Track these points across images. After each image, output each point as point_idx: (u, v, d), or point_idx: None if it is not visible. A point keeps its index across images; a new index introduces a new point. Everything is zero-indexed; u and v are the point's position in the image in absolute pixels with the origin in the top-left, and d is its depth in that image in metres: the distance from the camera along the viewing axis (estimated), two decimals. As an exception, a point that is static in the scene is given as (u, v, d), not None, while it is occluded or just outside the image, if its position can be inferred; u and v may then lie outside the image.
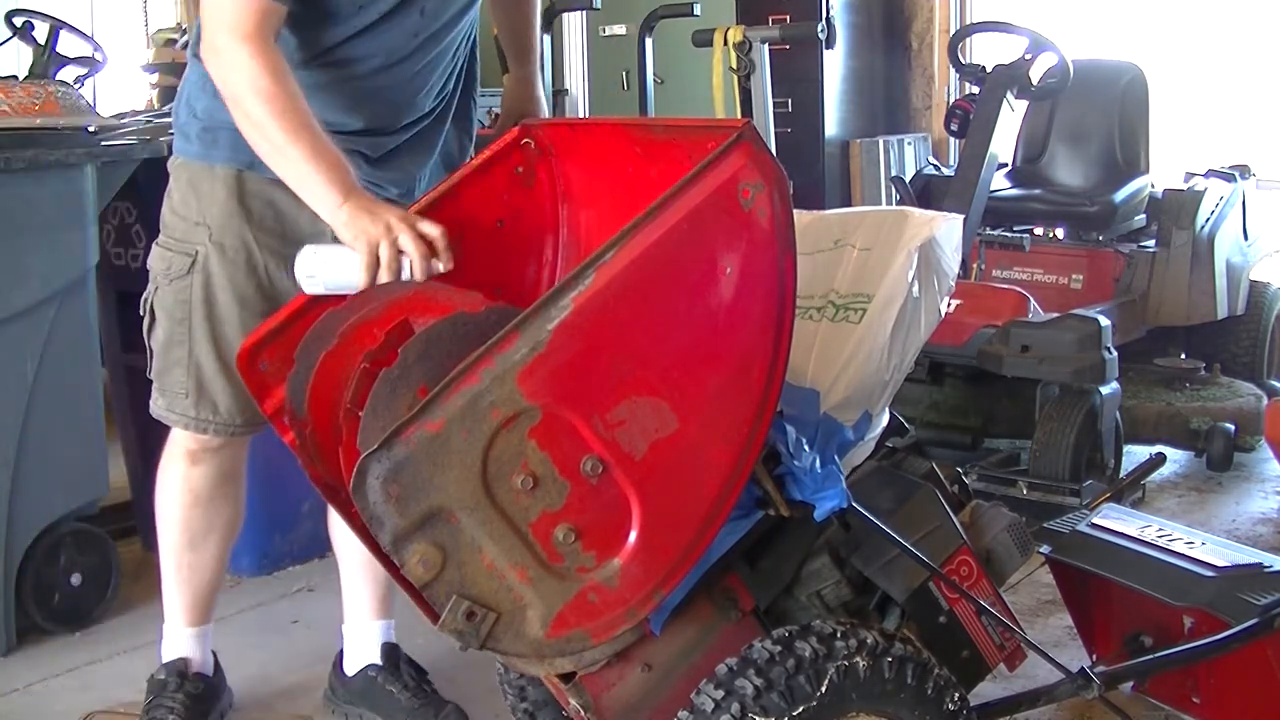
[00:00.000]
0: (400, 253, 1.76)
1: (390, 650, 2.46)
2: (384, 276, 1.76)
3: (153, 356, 2.22)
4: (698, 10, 4.63)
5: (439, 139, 2.24)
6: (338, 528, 2.42)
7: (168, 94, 5.37)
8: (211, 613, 2.42)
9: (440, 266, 1.77)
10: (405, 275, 1.77)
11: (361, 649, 2.46)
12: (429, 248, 1.77)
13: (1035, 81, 3.87)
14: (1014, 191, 4.38)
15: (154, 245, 2.20)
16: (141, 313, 2.22)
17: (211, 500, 2.28)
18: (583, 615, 1.50)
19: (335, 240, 1.86)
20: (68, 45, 4.86)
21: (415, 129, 2.19)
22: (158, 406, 2.23)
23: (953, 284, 1.92)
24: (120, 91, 6.96)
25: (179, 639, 2.40)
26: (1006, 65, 3.84)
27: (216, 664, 2.47)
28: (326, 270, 1.80)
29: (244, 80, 1.87)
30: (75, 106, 2.87)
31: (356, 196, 1.83)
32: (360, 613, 2.46)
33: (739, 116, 4.04)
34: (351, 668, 2.47)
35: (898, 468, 2.07)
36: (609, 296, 1.44)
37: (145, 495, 3.29)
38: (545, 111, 2.52)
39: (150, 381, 2.25)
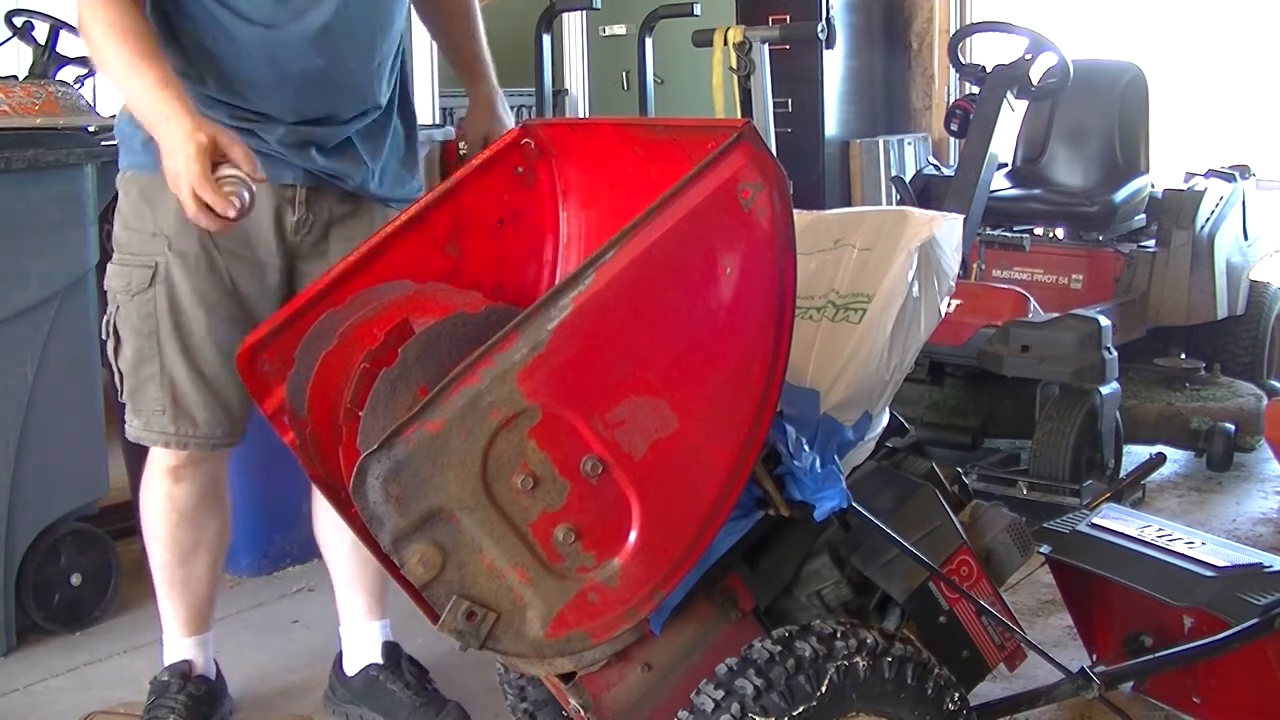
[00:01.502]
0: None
1: (391, 649, 2.46)
2: (190, 211, 1.82)
3: (122, 378, 2.18)
4: (698, 10, 4.63)
5: (388, 133, 2.23)
6: (325, 531, 2.41)
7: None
8: (211, 620, 2.42)
9: (245, 195, 1.81)
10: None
11: (361, 649, 2.46)
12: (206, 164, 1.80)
13: (1035, 81, 3.87)
14: (1014, 191, 4.38)
15: (109, 265, 2.17)
16: (104, 336, 2.20)
17: (197, 516, 2.27)
18: (583, 615, 1.50)
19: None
20: (68, 45, 4.86)
21: (366, 120, 2.17)
22: (134, 428, 2.20)
23: (953, 284, 1.92)
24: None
25: (180, 647, 2.40)
26: (1006, 65, 3.84)
27: (218, 671, 2.46)
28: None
29: (90, 13, 1.91)
30: (75, 106, 2.87)
31: (168, 127, 1.85)
32: (356, 614, 2.46)
33: (739, 116, 4.04)
34: (352, 667, 2.47)
35: (898, 468, 2.07)
36: (609, 296, 1.44)
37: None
38: (504, 131, 2.47)
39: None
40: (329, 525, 2.38)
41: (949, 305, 1.96)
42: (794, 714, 1.56)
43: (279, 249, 2.17)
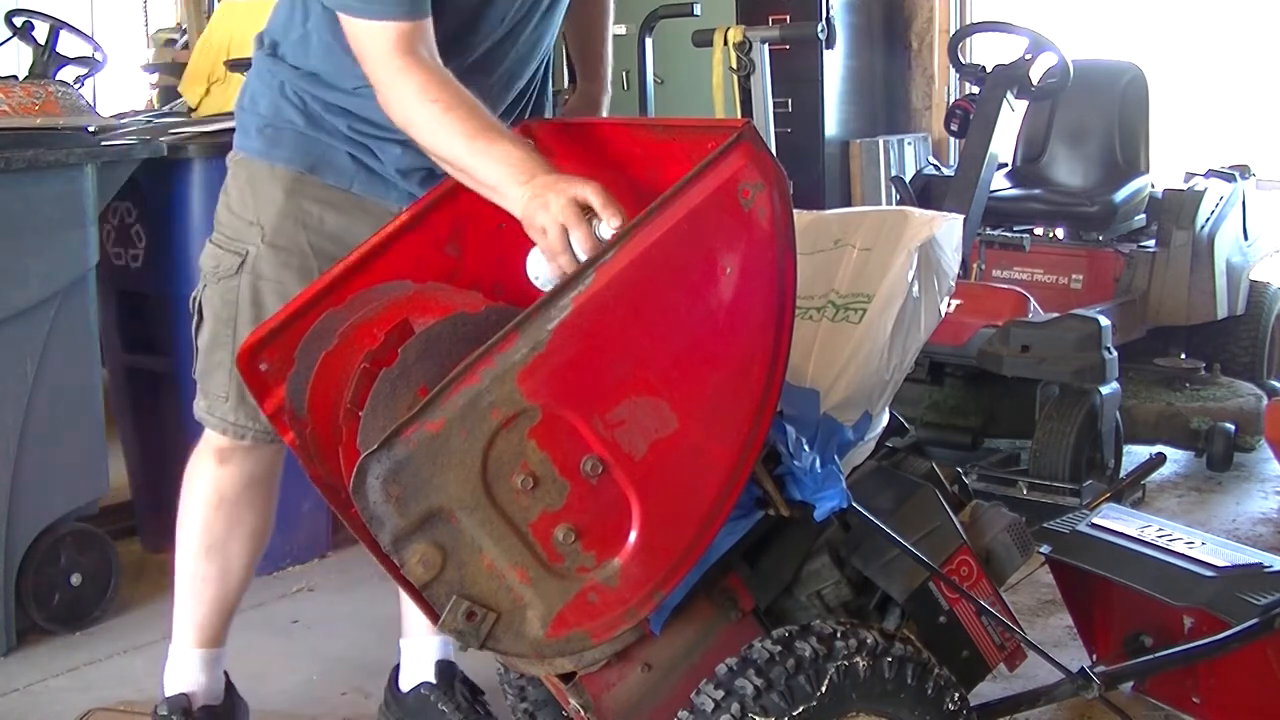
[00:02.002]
0: (563, 227, 1.60)
1: (445, 668, 2.39)
2: (564, 264, 1.60)
3: (197, 355, 2.15)
4: (698, 10, 4.62)
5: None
6: None
7: (168, 94, 5.38)
8: (225, 636, 2.28)
9: (605, 230, 1.57)
10: (577, 252, 1.59)
11: (417, 665, 2.40)
12: (580, 211, 1.60)
13: (1035, 81, 3.87)
14: (1014, 191, 4.38)
15: (207, 242, 2.14)
16: (190, 310, 2.16)
17: (237, 504, 2.18)
18: (583, 615, 1.50)
19: None
20: (68, 45, 4.86)
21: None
22: (199, 408, 2.15)
23: (953, 284, 1.92)
24: (120, 91, 6.97)
25: (186, 664, 2.24)
26: (1006, 65, 3.84)
27: (229, 686, 2.31)
28: (540, 268, 1.69)
29: (405, 105, 1.80)
30: (75, 106, 2.87)
31: (528, 184, 1.66)
32: (418, 628, 2.39)
33: (739, 116, 4.04)
34: (406, 684, 2.41)
35: (898, 468, 2.07)
36: (609, 296, 1.44)
37: (145, 495, 3.30)
38: None
39: (151, 382, 2.25)
40: None
41: (949, 305, 1.96)
42: (794, 714, 1.56)
43: None
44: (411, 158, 2.03)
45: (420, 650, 2.41)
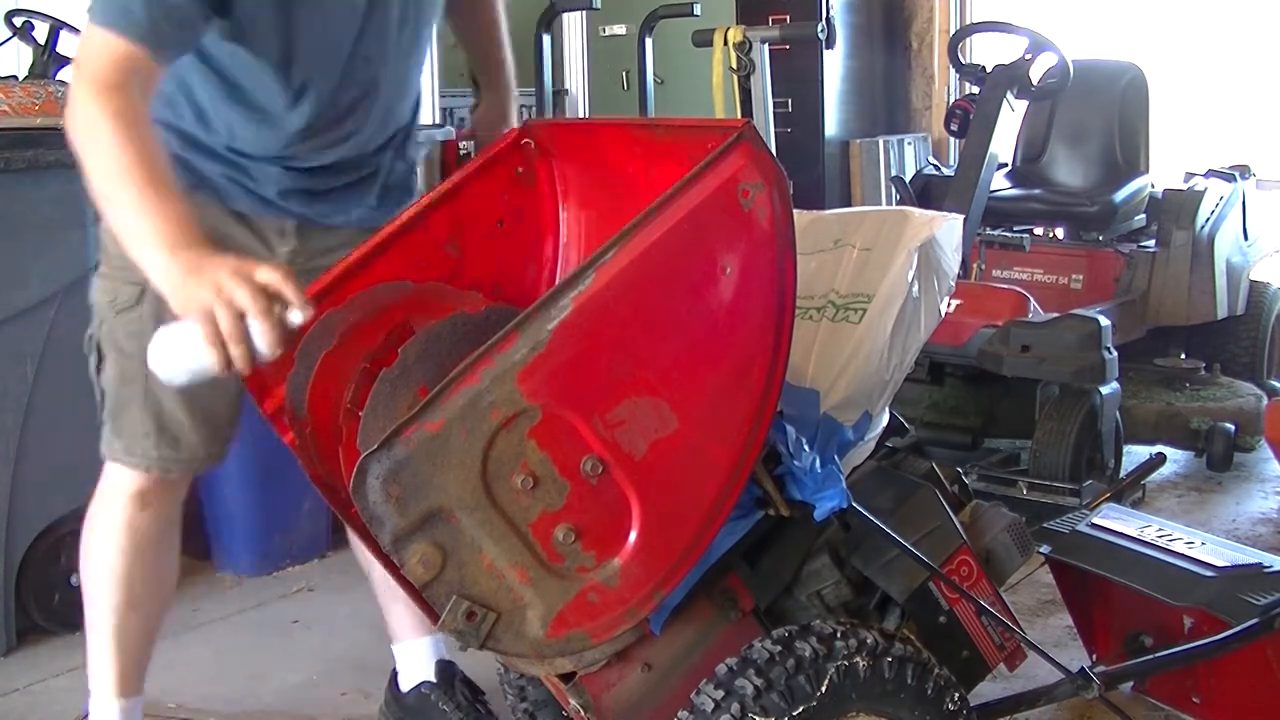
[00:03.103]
0: (241, 314, 1.48)
1: (445, 668, 2.38)
2: (234, 351, 1.49)
3: (104, 397, 2.07)
4: (698, 10, 4.63)
5: (382, 174, 2.13)
6: (359, 552, 2.29)
7: (168, 94, 5.36)
8: (144, 681, 2.21)
9: (296, 318, 1.49)
10: (254, 341, 1.48)
11: (415, 666, 2.39)
12: (273, 300, 1.49)
13: (1035, 81, 3.87)
14: (1014, 191, 4.38)
15: (94, 278, 2.06)
16: (86, 350, 2.08)
17: (157, 550, 2.10)
18: (583, 615, 1.50)
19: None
20: (68, 45, 4.86)
21: (363, 171, 2.09)
22: (114, 450, 2.07)
23: (953, 284, 1.92)
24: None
25: (109, 711, 2.17)
26: (1006, 65, 3.84)
27: None
28: (176, 357, 1.53)
29: (82, 130, 1.69)
30: (75, 106, 2.87)
31: (184, 254, 1.55)
32: (405, 630, 2.38)
33: (739, 116, 4.04)
34: (406, 684, 2.40)
35: (898, 468, 2.07)
36: (609, 296, 1.44)
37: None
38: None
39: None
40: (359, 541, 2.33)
41: (949, 305, 1.96)
42: (794, 714, 1.56)
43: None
44: (291, 179, 2.01)
45: (414, 652, 2.40)
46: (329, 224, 2.08)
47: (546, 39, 4.79)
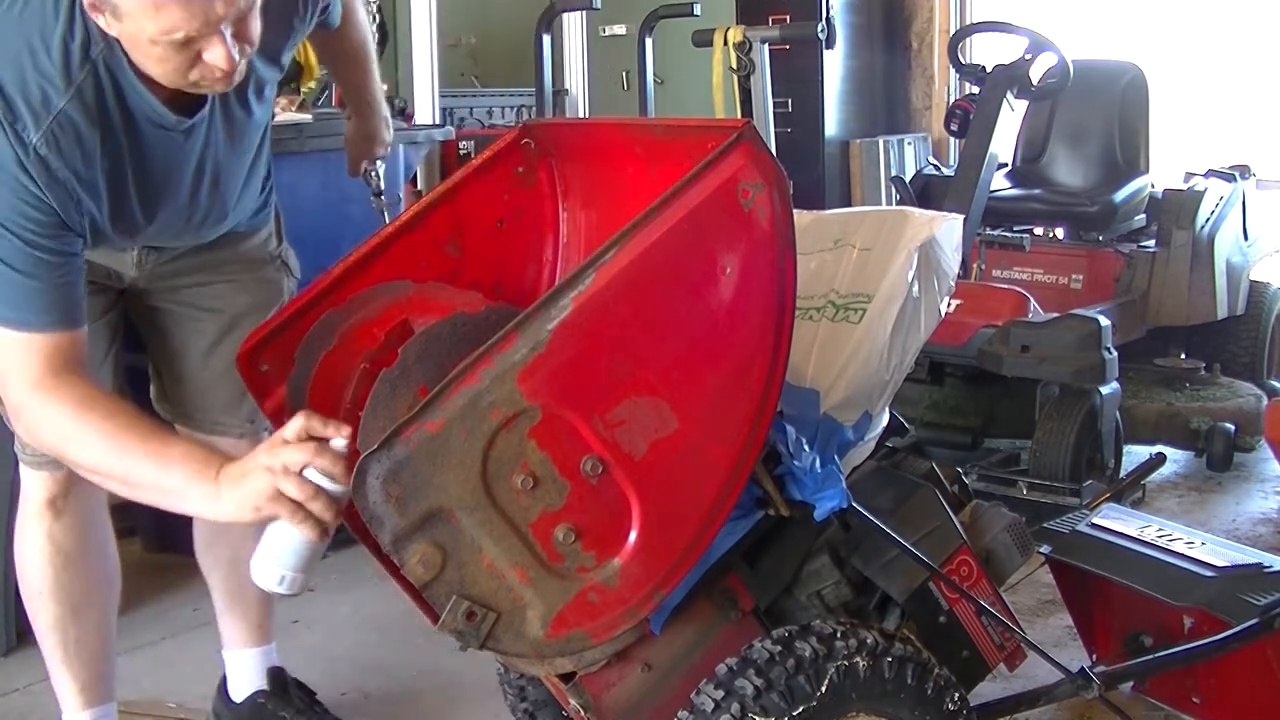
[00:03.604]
0: (299, 472, 1.49)
1: (277, 674, 2.38)
2: (315, 508, 1.49)
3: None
4: (698, 10, 4.63)
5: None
6: (204, 553, 2.32)
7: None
8: (111, 687, 2.18)
9: (340, 443, 1.51)
10: (324, 484, 1.49)
11: (246, 675, 2.38)
12: (314, 443, 1.50)
13: (1035, 81, 3.87)
14: (1014, 191, 4.38)
15: None
16: None
17: (84, 556, 2.07)
18: (583, 615, 1.50)
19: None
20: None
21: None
22: (21, 453, 2.02)
23: (953, 284, 1.92)
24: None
25: None
26: (1006, 65, 3.84)
27: None
28: (282, 559, 1.53)
29: (55, 430, 1.67)
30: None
31: (219, 473, 1.56)
32: (238, 639, 2.37)
33: (739, 116, 4.04)
34: (238, 694, 2.39)
35: (898, 468, 2.07)
36: (609, 296, 1.44)
37: (145, 495, 3.29)
38: (384, 159, 2.49)
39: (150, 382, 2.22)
40: (207, 547, 2.31)
41: (949, 305, 1.96)
42: (794, 714, 1.56)
43: (116, 279, 2.07)
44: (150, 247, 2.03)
45: (245, 661, 2.38)
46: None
47: (546, 39, 4.79)
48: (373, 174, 2.52)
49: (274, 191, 2.22)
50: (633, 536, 1.50)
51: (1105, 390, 3.41)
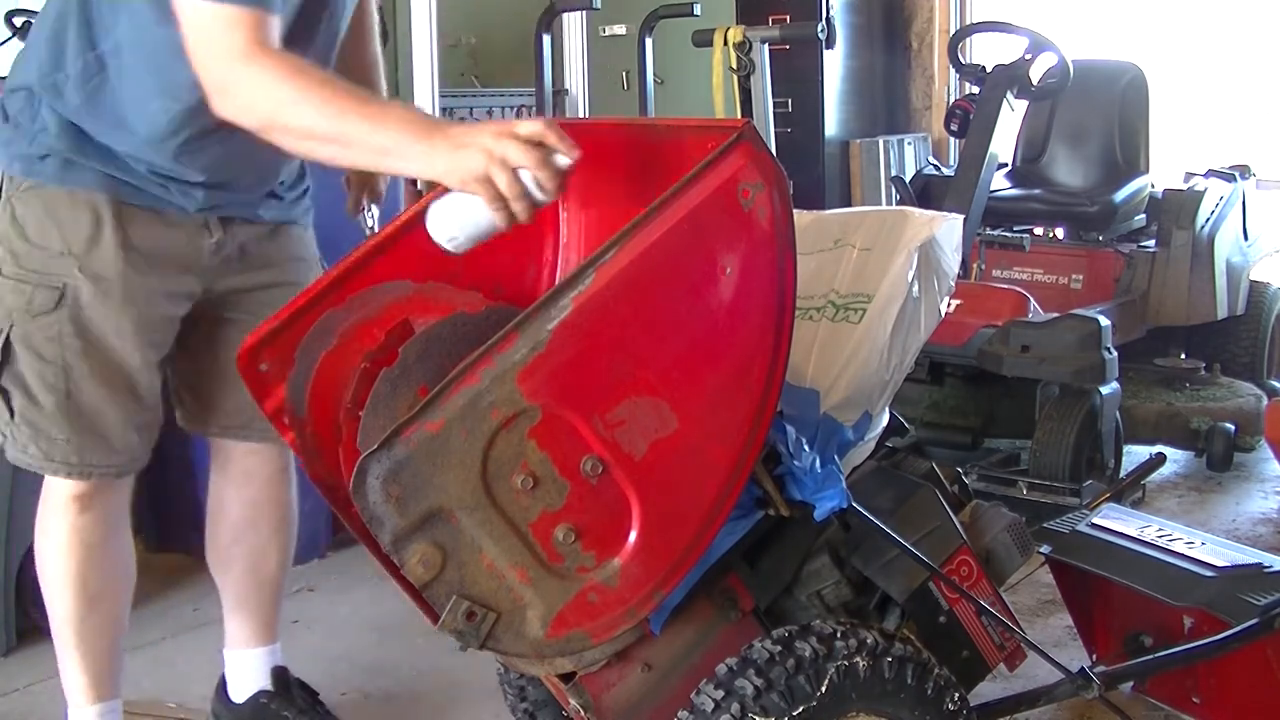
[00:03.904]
0: (516, 170, 1.53)
1: (280, 674, 2.36)
2: (516, 207, 1.54)
3: (9, 397, 2.00)
4: (698, 10, 4.62)
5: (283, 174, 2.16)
6: (216, 551, 2.32)
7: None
8: (119, 684, 2.19)
9: (564, 161, 1.54)
10: (533, 191, 1.54)
11: (249, 675, 2.36)
12: (541, 149, 1.53)
13: (1035, 81, 3.87)
14: (1014, 191, 4.38)
15: (0, 279, 1.98)
16: None
17: (106, 550, 2.08)
18: (583, 615, 1.50)
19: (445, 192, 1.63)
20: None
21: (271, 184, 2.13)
22: (28, 455, 2.02)
23: (953, 284, 1.92)
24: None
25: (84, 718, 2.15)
26: (1006, 65, 3.84)
27: None
28: (461, 225, 1.61)
29: (270, 96, 1.68)
30: (75, 106, 2.86)
31: (439, 137, 1.58)
32: (244, 638, 2.36)
33: (739, 116, 4.04)
34: (239, 694, 2.37)
35: (898, 468, 2.07)
36: (609, 296, 1.44)
37: (146, 494, 3.30)
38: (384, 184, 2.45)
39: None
40: (226, 545, 2.31)
41: (949, 305, 1.96)
42: (794, 714, 1.56)
43: (195, 269, 2.06)
44: (214, 197, 2.02)
45: (247, 660, 2.37)
46: (246, 218, 2.11)
47: (546, 39, 4.78)
48: (369, 218, 2.43)
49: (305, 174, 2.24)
50: (633, 536, 1.50)
51: (1105, 390, 3.41)
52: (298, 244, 2.22)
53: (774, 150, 1.63)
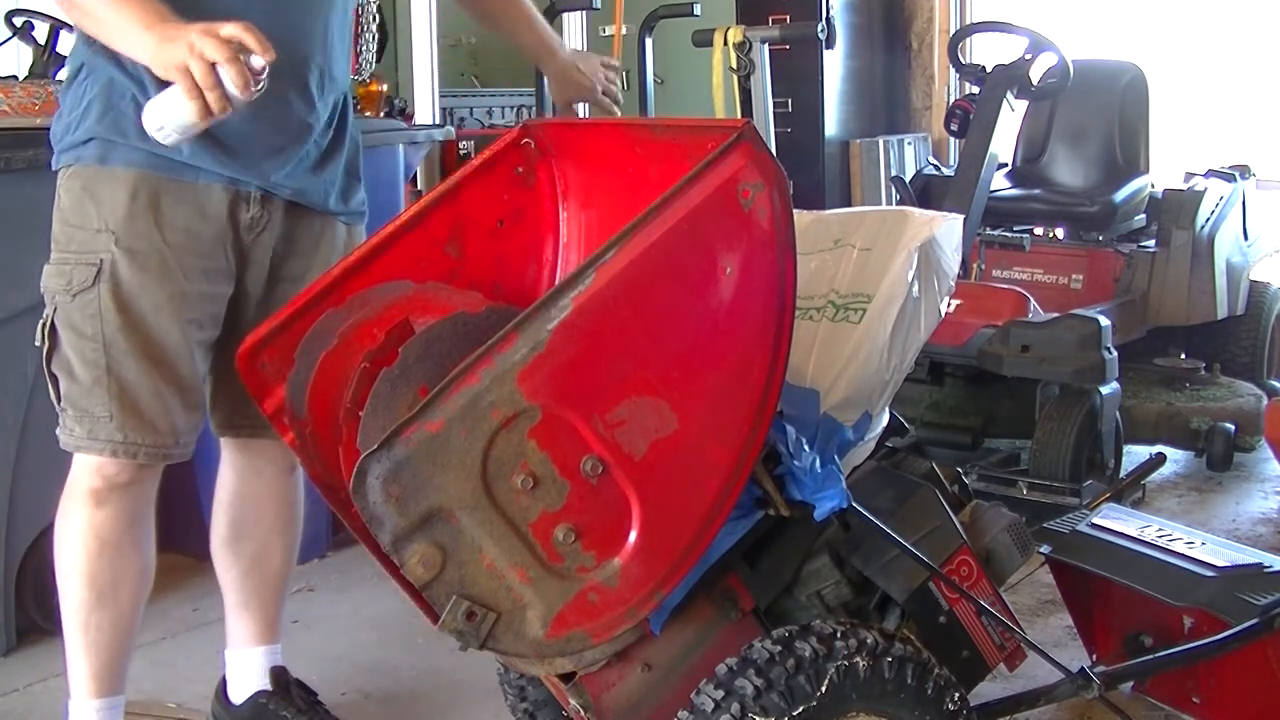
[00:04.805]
0: (214, 65, 1.69)
1: (280, 674, 2.35)
2: (209, 97, 1.70)
3: (58, 382, 2.03)
4: (698, 10, 4.63)
5: (339, 152, 2.16)
6: (220, 552, 2.31)
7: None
8: (124, 681, 2.17)
9: (258, 61, 1.70)
10: (227, 86, 1.70)
11: (249, 675, 2.36)
12: (233, 48, 1.69)
13: (1035, 81, 3.87)
14: (1014, 191, 4.38)
15: (46, 266, 2.04)
16: (38, 341, 2.04)
17: (119, 547, 2.06)
18: (583, 615, 1.50)
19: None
20: (68, 45, 4.85)
21: (310, 141, 2.10)
22: (73, 437, 2.01)
23: (953, 284, 1.92)
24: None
25: (85, 712, 2.13)
26: (1006, 65, 3.84)
27: None
28: (166, 115, 1.76)
29: None
30: (75, 106, 2.87)
31: (159, 28, 1.74)
32: (249, 638, 2.35)
33: (739, 116, 4.04)
34: (238, 695, 2.36)
35: (898, 468, 2.07)
36: (609, 296, 1.44)
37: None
38: (594, 65, 2.43)
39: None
40: (229, 543, 2.30)
41: (949, 305, 1.96)
42: (794, 714, 1.56)
43: (233, 246, 2.06)
44: (246, 163, 2.02)
45: (251, 660, 2.36)
46: (287, 198, 2.10)
47: (546, 39, 4.78)
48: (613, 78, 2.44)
49: (361, 176, 2.24)
50: (633, 536, 1.50)
51: (1105, 390, 3.41)
52: (342, 240, 2.19)
53: (774, 150, 1.63)
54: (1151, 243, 4.32)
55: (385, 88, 4.03)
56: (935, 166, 4.67)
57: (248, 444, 2.23)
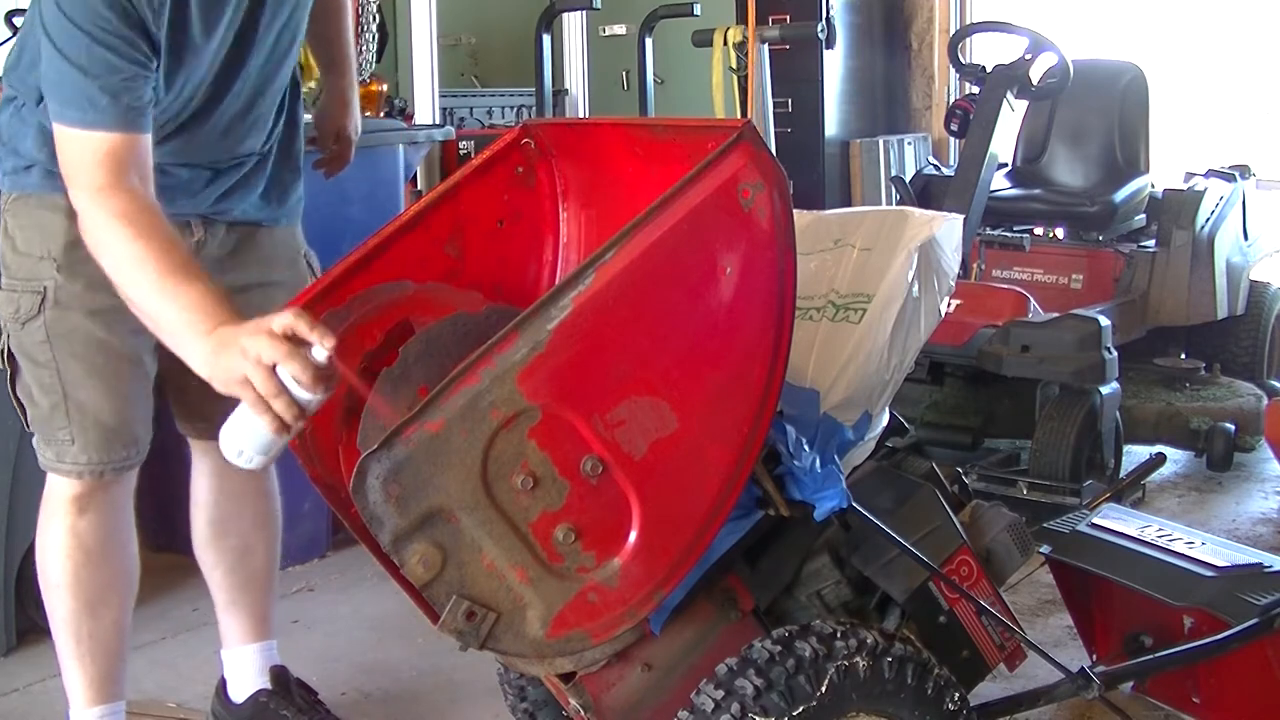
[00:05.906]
0: (274, 368, 1.49)
1: (279, 673, 2.35)
2: (277, 407, 1.49)
3: (24, 409, 2.06)
4: (698, 10, 4.63)
5: (266, 166, 2.16)
6: (203, 550, 2.31)
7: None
8: (123, 685, 2.18)
9: (320, 354, 1.49)
10: (292, 388, 1.49)
11: (247, 675, 2.36)
12: (294, 343, 1.49)
13: (1035, 81, 3.87)
14: (1014, 191, 4.38)
15: None
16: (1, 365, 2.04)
17: (105, 554, 2.07)
18: (583, 615, 1.50)
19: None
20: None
21: (247, 165, 2.11)
22: (46, 460, 2.06)
23: (953, 284, 1.92)
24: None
25: None
26: (1006, 65, 3.84)
27: None
28: (242, 438, 1.55)
29: (111, 251, 1.72)
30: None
31: (212, 336, 1.58)
32: (239, 637, 2.35)
33: (739, 116, 4.04)
34: (239, 694, 2.36)
35: (898, 468, 2.07)
36: (609, 296, 1.44)
37: (146, 494, 3.29)
38: (356, 127, 2.44)
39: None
40: (211, 540, 2.30)
41: (949, 305, 1.96)
42: (794, 714, 1.56)
43: None
44: (190, 190, 2.02)
45: (247, 659, 2.36)
46: (232, 220, 2.12)
47: (546, 39, 4.79)
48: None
49: (299, 173, 2.23)
50: (633, 536, 1.50)
51: (1105, 390, 3.41)
52: (283, 244, 2.22)
53: (774, 150, 1.63)
54: (1151, 243, 4.32)
55: (385, 88, 4.03)
56: (935, 166, 4.67)
57: (212, 445, 2.21)
